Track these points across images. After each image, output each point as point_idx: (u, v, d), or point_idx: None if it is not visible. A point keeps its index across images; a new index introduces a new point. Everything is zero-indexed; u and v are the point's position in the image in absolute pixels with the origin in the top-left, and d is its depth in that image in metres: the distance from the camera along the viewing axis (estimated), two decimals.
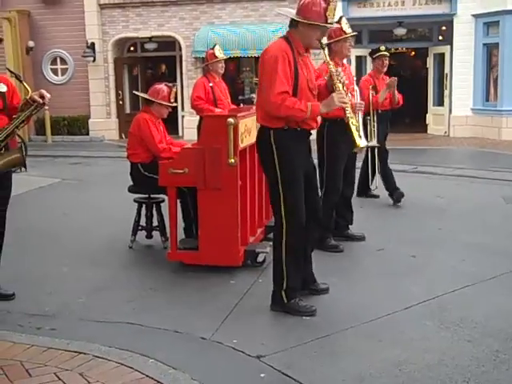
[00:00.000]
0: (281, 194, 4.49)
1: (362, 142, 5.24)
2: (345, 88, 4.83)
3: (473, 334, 4.19)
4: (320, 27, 4.42)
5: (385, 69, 8.25)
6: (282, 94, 4.28)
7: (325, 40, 5.44)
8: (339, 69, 4.97)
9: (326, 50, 4.98)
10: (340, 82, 4.75)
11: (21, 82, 4.58)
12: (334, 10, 4.41)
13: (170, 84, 6.46)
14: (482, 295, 4.98)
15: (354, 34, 6.26)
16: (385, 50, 8.19)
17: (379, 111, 8.11)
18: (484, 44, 16.55)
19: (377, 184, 8.79)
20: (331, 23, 4.49)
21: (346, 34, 6.06)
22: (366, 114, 7.81)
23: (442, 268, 5.69)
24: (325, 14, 4.37)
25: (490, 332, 4.22)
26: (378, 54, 8.21)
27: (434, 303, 4.79)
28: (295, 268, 4.66)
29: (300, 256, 4.70)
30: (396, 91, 8.13)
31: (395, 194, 8.38)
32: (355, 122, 5.18)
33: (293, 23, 4.48)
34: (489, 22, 16.36)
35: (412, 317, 4.54)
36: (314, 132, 5.02)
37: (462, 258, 5.97)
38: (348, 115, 4.98)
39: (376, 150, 8.37)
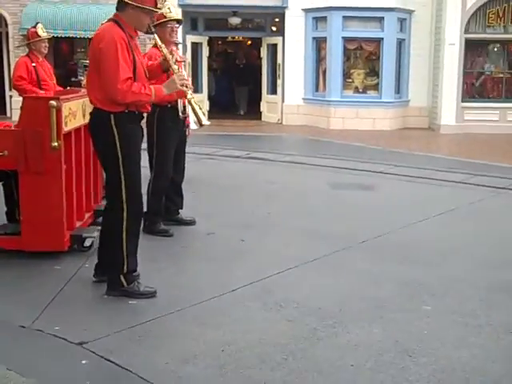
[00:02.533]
0: (122, 179, 4.42)
1: (205, 121, 5.32)
2: (181, 69, 4.85)
3: (293, 314, 4.37)
4: (151, 12, 4.43)
5: None
6: (127, 80, 4.27)
7: None
8: (172, 51, 5.00)
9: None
10: (175, 63, 4.77)
11: None
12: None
13: None
14: (304, 277, 5.20)
15: (176, 18, 6.18)
16: None
17: None
18: (313, 38, 17.23)
19: None
20: (160, 8, 4.52)
21: (165, 17, 6.01)
22: None
23: (268, 251, 5.87)
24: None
25: (309, 311, 4.42)
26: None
27: (259, 286, 4.92)
28: (135, 251, 4.64)
29: (138, 238, 4.69)
30: None
31: None
32: (197, 102, 5.26)
33: (121, 6, 4.41)
34: (317, 16, 17.05)
35: (237, 299, 4.64)
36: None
37: (288, 241, 6.20)
38: (189, 96, 5.06)
39: None
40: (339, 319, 4.30)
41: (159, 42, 4.86)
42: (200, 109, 5.25)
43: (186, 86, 4.75)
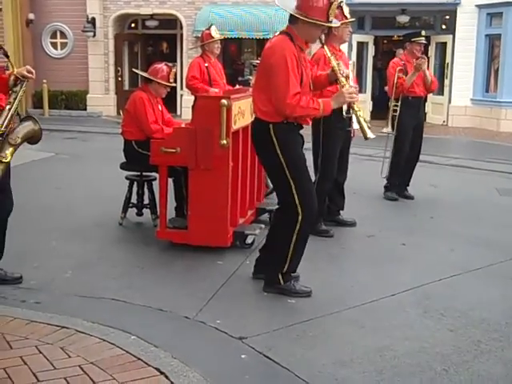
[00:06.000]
0: (291, 183, 4.46)
1: (370, 134, 5.20)
2: (348, 80, 4.78)
3: (455, 324, 4.21)
4: (322, 26, 4.36)
5: (419, 54, 7.82)
6: (296, 95, 4.29)
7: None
8: (340, 62, 4.93)
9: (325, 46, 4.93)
10: (342, 75, 4.72)
11: (7, 57, 4.51)
12: (336, 8, 4.36)
13: (170, 64, 6.42)
14: (467, 285, 4.99)
15: (353, 20, 6.24)
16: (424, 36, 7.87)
17: (409, 98, 7.74)
18: (486, 35, 16.48)
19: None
20: (331, 21, 4.40)
21: (347, 19, 6.03)
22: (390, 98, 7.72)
23: (430, 257, 5.70)
24: (327, 12, 4.29)
25: (472, 322, 4.24)
26: (417, 39, 7.80)
27: (420, 291, 4.80)
28: (301, 254, 4.69)
29: (306, 243, 4.71)
30: (429, 73, 7.81)
31: (393, 190, 8.06)
32: (362, 115, 5.17)
33: (293, 19, 4.38)
34: (492, 12, 16.28)
35: (397, 304, 4.55)
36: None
37: (452, 247, 5.98)
38: (356, 109, 4.98)
39: (399, 139, 7.89)
40: (506, 333, 4.09)
41: (329, 54, 4.84)
42: (365, 121, 5.16)
43: (353, 98, 4.66)
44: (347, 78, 4.74)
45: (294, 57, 4.30)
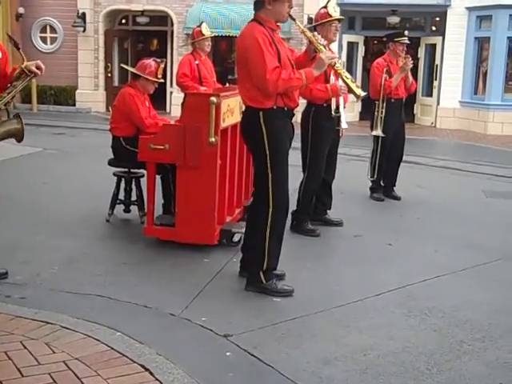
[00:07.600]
0: (269, 175, 4.52)
1: (361, 92, 5.25)
2: (327, 48, 4.84)
3: (439, 324, 4.24)
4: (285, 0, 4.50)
5: (402, 54, 7.81)
6: (275, 69, 4.36)
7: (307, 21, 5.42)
8: (315, 33, 4.99)
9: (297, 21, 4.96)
10: (320, 44, 4.76)
11: (18, 49, 4.50)
12: None
13: (159, 60, 6.41)
14: (452, 286, 5.03)
15: (340, 18, 6.21)
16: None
17: (392, 100, 7.74)
18: (475, 37, 16.56)
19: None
20: None
21: (331, 17, 6.05)
22: (375, 99, 7.72)
23: (416, 257, 5.73)
24: None
25: (456, 322, 4.27)
26: (400, 38, 7.77)
27: (404, 292, 4.83)
28: (277, 250, 4.70)
29: (282, 236, 4.74)
30: (410, 75, 7.83)
31: (379, 191, 8.08)
32: (348, 76, 5.28)
33: (258, 5, 4.54)
34: (482, 15, 16.36)
35: (381, 304, 4.58)
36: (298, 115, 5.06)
37: (437, 248, 6.01)
38: (339, 70, 5.12)
39: (380, 140, 7.85)
40: (489, 333, 4.12)
41: (301, 27, 4.88)
42: (352, 82, 5.23)
43: (333, 60, 4.72)
44: (325, 46, 4.77)
45: (265, 36, 4.41)
